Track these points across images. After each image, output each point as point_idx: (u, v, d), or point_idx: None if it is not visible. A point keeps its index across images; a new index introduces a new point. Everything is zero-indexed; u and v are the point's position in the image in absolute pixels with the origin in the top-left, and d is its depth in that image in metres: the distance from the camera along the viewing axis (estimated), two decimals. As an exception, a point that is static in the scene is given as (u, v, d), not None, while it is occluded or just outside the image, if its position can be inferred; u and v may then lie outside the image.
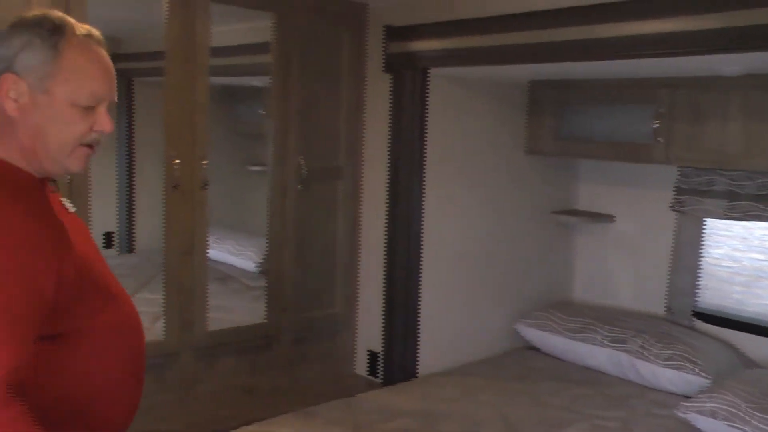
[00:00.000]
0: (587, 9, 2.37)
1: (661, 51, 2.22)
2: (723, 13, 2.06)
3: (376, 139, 3.22)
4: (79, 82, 1.25)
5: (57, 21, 1.25)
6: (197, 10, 2.69)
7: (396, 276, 3.10)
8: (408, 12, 3.01)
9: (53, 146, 1.26)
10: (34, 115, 1.24)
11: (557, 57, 2.47)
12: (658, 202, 3.35)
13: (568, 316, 3.34)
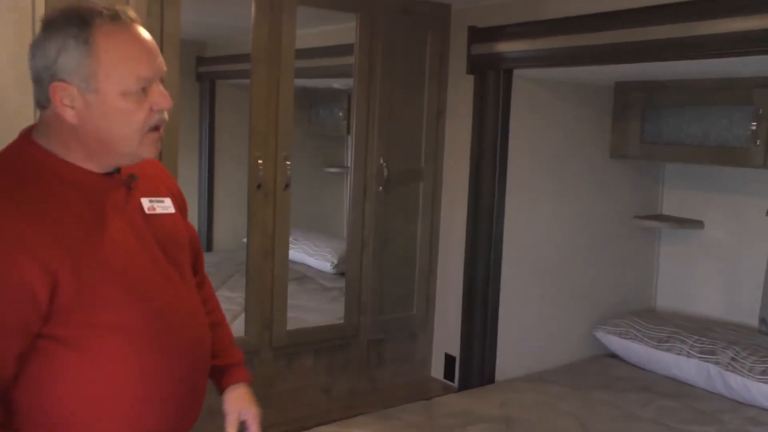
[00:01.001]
0: (679, 5, 2.29)
1: (755, 49, 2.12)
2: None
3: (457, 141, 3.19)
4: (121, 70, 1.19)
5: (81, 13, 1.18)
6: (284, 14, 2.72)
7: (475, 280, 3.07)
8: (491, 13, 2.98)
9: (120, 141, 1.22)
10: (92, 116, 1.19)
11: (646, 57, 2.40)
12: (752, 208, 3.21)
13: (652, 324, 3.23)
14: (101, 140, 1.21)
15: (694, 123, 3.04)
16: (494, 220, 2.98)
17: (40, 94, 1.21)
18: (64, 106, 1.18)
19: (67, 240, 1.16)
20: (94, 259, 1.18)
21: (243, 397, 1.53)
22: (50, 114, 1.21)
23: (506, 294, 3.09)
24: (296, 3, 2.73)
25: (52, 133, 1.23)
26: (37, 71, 1.20)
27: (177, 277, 1.32)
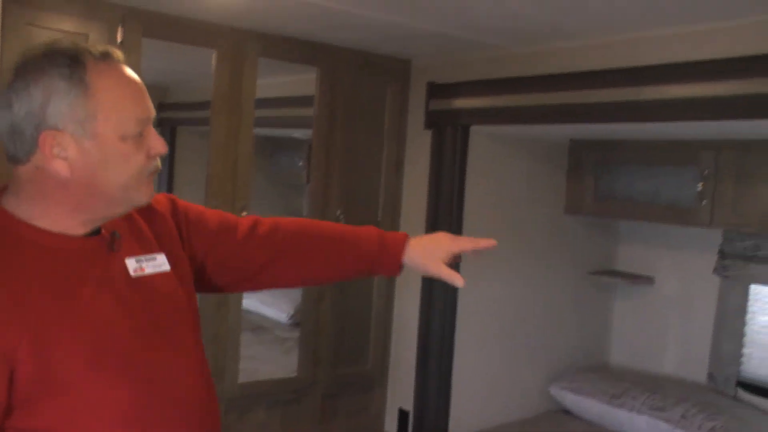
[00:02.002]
0: (630, 71, 2.37)
1: (707, 114, 2.20)
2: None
3: (415, 194, 3.22)
4: (121, 112, 1.08)
5: (70, 51, 1.06)
6: (245, 64, 2.74)
7: (430, 334, 3.06)
8: (450, 69, 3.05)
9: (115, 189, 1.10)
10: (88, 165, 1.07)
11: (599, 118, 2.46)
12: (701, 265, 3.28)
13: (605, 381, 3.25)
14: (94, 191, 1.09)
15: (645, 182, 3.12)
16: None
17: (18, 148, 1.06)
18: (55, 157, 1.05)
19: (27, 315, 1.01)
20: (61, 336, 1.03)
21: (427, 244, 1.44)
22: (29, 169, 1.07)
23: (461, 348, 3.08)
24: (257, 55, 2.76)
25: (26, 192, 1.09)
26: (16, 121, 1.05)
27: (169, 348, 1.17)
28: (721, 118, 2.20)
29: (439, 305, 3.02)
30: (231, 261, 1.39)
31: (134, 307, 1.14)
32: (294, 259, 1.43)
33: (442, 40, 2.74)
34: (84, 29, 2.37)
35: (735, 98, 2.14)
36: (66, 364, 1.03)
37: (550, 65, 2.66)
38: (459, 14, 2.31)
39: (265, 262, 1.41)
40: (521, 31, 2.53)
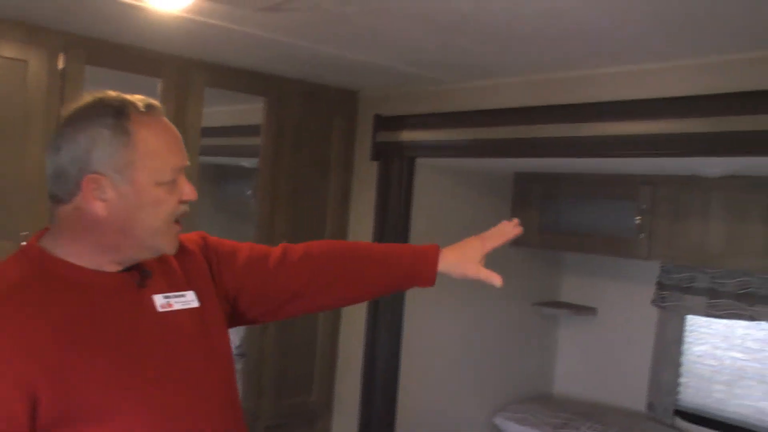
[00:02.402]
0: (573, 108, 2.43)
1: (643, 152, 2.27)
2: (706, 119, 2.12)
3: (361, 225, 3.22)
4: (158, 160, 1.17)
5: (116, 103, 1.17)
6: (191, 93, 2.72)
7: (375, 365, 3.05)
8: (398, 102, 3.08)
9: (146, 232, 1.19)
10: (123, 208, 1.16)
11: (541, 153, 2.52)
12: (641, 296, 3.37)
13: (549, 411, 3.29)
14: (127, 232, 1.18)
15: (587, 214, 3.19)
16: (393, 305, 2.99)
17: (62, 189, 1.16)
18: (95, 199, 1.15)
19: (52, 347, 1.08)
20: (83, 368, 1.10)
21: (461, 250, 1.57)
22: (69, 209, 1.17)
23: (406, 380, 3.08)
24: (203, 84, 2.74)
25: (65, 231, 1.19)
26: (62, 165, 1.15)
27: (187, 383, 1.22)
28: (657, 156, 2.28)
29: (384, 337, 3.02)
30: (264, 291, 1.45)
31: (157, 343, 1.20)
32: (329, 282, 1.48)
33: (389, 74, 2.77)
34: (23, 55, 2.32)
35: (670, 136, 2.21)
36: (86, 395, 1.09)
37: (495, 100, 2.71)
38: (405, 49, 2.34)
39: (298, 288, 1.46)
40: (467, 67, 2.58)
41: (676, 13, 1.76)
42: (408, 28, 2.03)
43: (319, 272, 1.47)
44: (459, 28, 1.99)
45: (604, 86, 2.44)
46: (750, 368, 3.07)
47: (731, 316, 3.02)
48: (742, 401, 3.08)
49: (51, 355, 1.07)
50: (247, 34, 2.24)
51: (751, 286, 2.95)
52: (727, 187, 2.74)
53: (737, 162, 2.33)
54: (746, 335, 3.09)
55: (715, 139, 2.10)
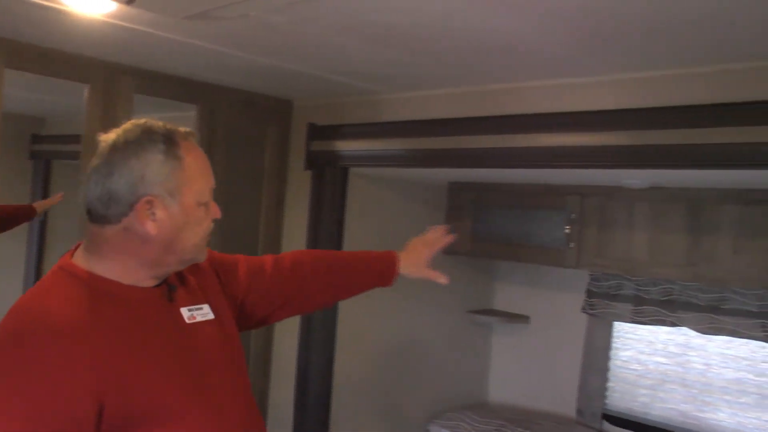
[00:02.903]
0: (504, 119, 2.48)
1: (569, 163, 2.33)
2: (627, 132, 2.19)
3: (295, 234, 3.21)
4: (200, 183, 1.30)
5: (163, 131, 1.27)
6: (119, 99, 2.67)
7: (309, 375, 3.03)
8: (332, 111, 3.08)
9: (189, 248, 1.31)
10: (171, 226, 1.27)
11: (472, 163, 2.55)
12: (572, 304, 3.44)
13: (481, 418, 3.33)
14: (172, 248, 1.29)
15: (519, 224, 3.24)
16: (327, 313, 2.98)
17: (112, 211, 1.25)
18: (147, 219, 1.25)
19: (113, 358, 1.19)
20: (141, 376, 1.21)
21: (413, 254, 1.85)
22: (117, 229, 1.26)
23: (339, 389, 3.07)
24: (132, 91, 2.69)
25: (109, 249, 1.27)
26: (115, 188, 1.24)
27: (222, 387, 1.36)
28: (581, 167, 2.33)
29: (319, 345, 3.01)
30: (264, 297, 1.62)
31: (194, 351, 1.33)
32: (316, 287, 1.71)
33: (322, 84, 2.77)
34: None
35: (594, 149, 2.27)
36: (149, 399, 1.21)
37: (427, 111, 2.74)
38: (336, 60, 2.35)
39: (291, 293, 1.67)
40: (399, 78, 2.60)
41: (599, 31, 1.82)
42: (337, 40, 2.04)
43: (307, 279, 1.68)
44: (387, 40, 2.01)
45: (532, 99, 2.49)
46: (672, 372, 3.17)
47: (655, 322, 3.11)
48: (665, 404, 3.18)
49: (114, 365, 1.18)
50: (176, 42, 2.21)
51: (673, 293, 3.05)
52: (649, 199, 2.83)
53: (657, 174, 2.41)
54: (669, 340, 3.19)
55: (636, 152, 2.17)
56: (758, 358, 2.93)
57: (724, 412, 3.01)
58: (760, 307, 2.80)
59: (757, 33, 1.75)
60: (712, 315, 2.93)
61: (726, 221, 2.65)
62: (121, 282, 1.28)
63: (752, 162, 1.99)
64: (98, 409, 1.16)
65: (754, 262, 2.56)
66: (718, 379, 3.03)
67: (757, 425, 2.93)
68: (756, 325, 2.81)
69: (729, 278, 2.65)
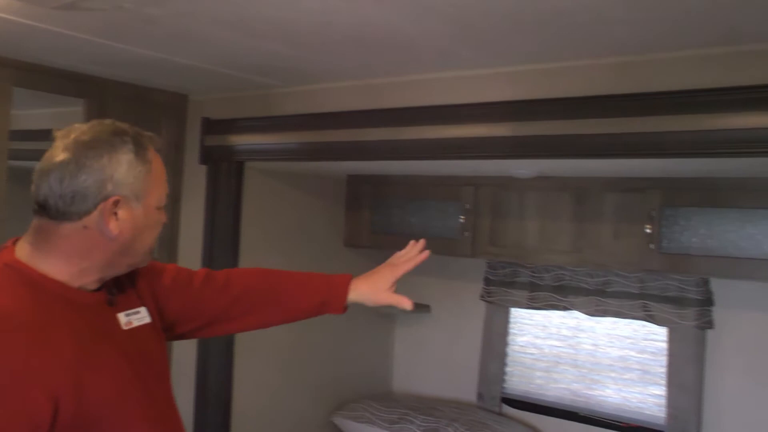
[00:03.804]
0: (394, 112, 2.52)
1: (457, 154, 2.39)
2: (511, 123, 2.27)
3: (192, 230, 3.16)
4: (161, 187, 1.34)
5: (132, 132, 1.29)
6: (-3, 94, 2.56)
7: (208, 373, 3.00)
8: (227, 105, 3.05)
9: (144, 249, 1.33)
10: (131, 228, 1.27)
11: (366, 156, 2.58)
12: (471, 292, 3.54)
13: (385, 407, 3.38)
14: (128, 251, 1.29)
15: (416, 215, 3.31)
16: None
17: (75, 208, 1.23)
18: (110, 219, 1.24)
19: (68, 361, 1.17)
20: (93, 380, 1.20)
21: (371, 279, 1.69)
22: (76, 227, 1.25)
23: (241, 386, 3.05)
24: (12, 84, 2.58)
25: (59, 248, 1.25)
26: (84, 187, 1.23)
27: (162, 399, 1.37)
28: (468, 158, 2.40)
29: (217, 348, 2.97)
30: (189, 311, 1.58)
31: (134, 357, 1.32)
32: (248, 308, 1.63)
33: (216, 78, 2.74)
34: None
35: (480, 140, 2.34)
36: (98, 405, 1.20)
37: (321, 104, 2.75)
38: (223, 54, 2.32)
39: (220, 312, 1.61)
40: (290, 72, 2.60)
41: (473, 25, 1.87)
42: (219, 33, 2.02)
43: (239, 299, 1.61)
44: (269, 34, 2.01)
45: (421, 92, 2.54)
46: (565, 354, 3.31)
47: (549, 307, 3.24)
48: (559, 385, 3.32)
49: (71, 370, 1.17)
50: (55, 33, 2.13)
51: (565, 278, 3.18)
52: (538, 188, 2.95)
53: (542, 164, 2.51)
54: (561, 324, 3.33)
55: (520, 143, 2.25)
56: (640, 337, 3.10)
57: (611, 388, 3.18)
58: (641, 288, 2.96)
59: (624, 28, 1.85)
60: (599, 298, 3.07)
61: (607, 208, 2.79)
62: (69, 285, 1.27)
63: (627, 151, 2.10)
64: (53, 411, 1.14)
65: (632, 247, 2.71)
66: (605, 358, 3.19)
67: (639, 399, 3.10)
68: (637, 305, 2.97)
69: (611, 262, 2.79)
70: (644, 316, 2.96)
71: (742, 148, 1.90)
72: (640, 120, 2.03)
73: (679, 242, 2.63)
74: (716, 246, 2.55)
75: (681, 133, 1.98)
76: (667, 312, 2.90)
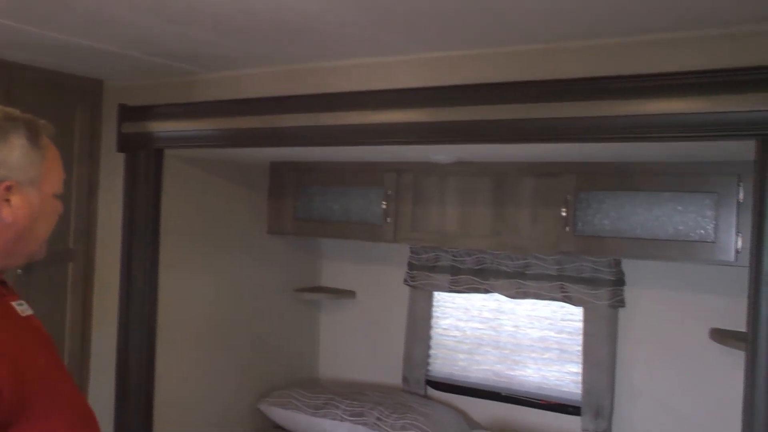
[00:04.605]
0: (314, 98, 2.52)
1: (376, 140, 2.41)
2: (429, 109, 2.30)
3: (110, 219, 3.09)
4: (57, 174, 1.33)
5: (26, 119, 1.28)
6: None
7: (129, 363, 2.94)
8: (145, 92, 2.98)
9: (40, 238, 1.32)
10: (27, 215, 1.26)
11: (286, 142, 2.58)
12: (396, 277, 3.58)
13: (311, 393, 3.39)
14: (24, 239, 1.28)
15: (339, 202, 3.32)
16: (147, 300, 2.91)
17: None
18: (3, 205, 1.23)
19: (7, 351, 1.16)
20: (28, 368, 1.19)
21: None
22: None
23: (163, 375, 3.00)
24: None
25: None
26: None
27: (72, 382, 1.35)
28: (390, 144, 2.42)
29: (137, 333, 2.92)
30: None
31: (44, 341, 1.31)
32: None
33: (134, 63, 2.67)
34: None
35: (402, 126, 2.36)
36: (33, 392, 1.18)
37: (242, 90, 2.73)
38: (141, 39, 2.28)
39: None
40: (210, 58, 2.57)
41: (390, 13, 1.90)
42: (136, 18, 1.98)
43: None
44: (187, 19, 1.98)
45: (341, 78, 2.55)
46: (486, 336, 3.39)
47: (470, 290, 3.31)
48: (481, 366, 3.40)
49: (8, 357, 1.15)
50: (-45, 14, 2.05)
51: (486, 262, 3.26)
52: (459, 173, 3.00)
53: (460, 149, 2.55)
54: (483, 307, 3.41)
55: (438, 129, 2.28)
56: (558, 317, 3.20)
57: (531, 368, 3.28)
58: (558, 270, 3.06)
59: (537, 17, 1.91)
60: (519, 280, 3.16)
61: (525, 193, 2.87)
62: None
63: (540, 136, 2.16)
64: None
65: (549, 230, 2.79)
66: (526, 339, 3.29)
67: (557, 377, 3.21)
68: (555, 287, 3.07)
69: (529, 245, 2.88)
70: (562, 297, 3.06)
71: (649, 133, 1.98)
72: (552, 106, 2.09)
73: (593, 225, 2.73)
74: (626, 228, 2.66)
75: (591, 118, 2.05)
76: (582, 293, 3.01)
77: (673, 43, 2.05)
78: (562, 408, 3.16)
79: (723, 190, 2.47)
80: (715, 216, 2.48)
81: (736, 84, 1.83)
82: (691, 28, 1.96)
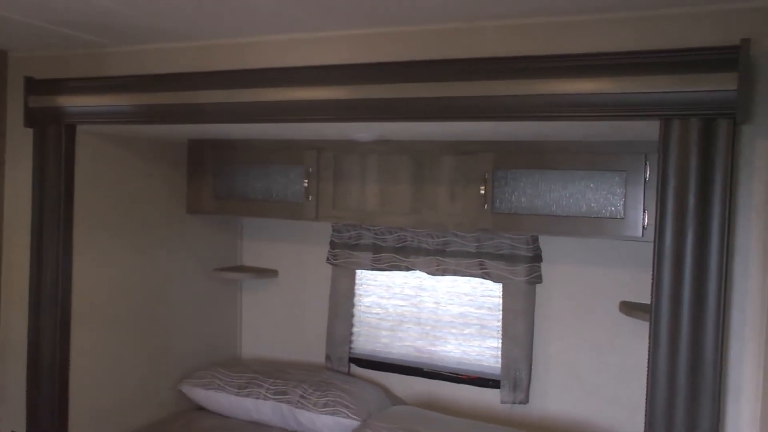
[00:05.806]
0: (231, 74, 2.47)
1: (295, 117, 2.39)
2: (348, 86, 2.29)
3: (19, 197, 2.97)
4: None
5: None
6: None
7: (41, 346, 2.84)
8: (54, 64, 2.87)
9: None
10: None
11: (203, 119, 2.52)
12: (317, 256, 3.57)
13: (234, 373, 3.37)
14: None
15: (259, 180, 3.28)
16: (59, 281, 2.81)
17: None
18: None
19: None
20: None
21: None
22: None
23: (79, 358, 2.92)
24: None
25: None
26: None
27: None
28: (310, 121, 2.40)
29: (49, 315, 2.82)
30: None
31: None
32: None
33: (37, 32, 2.56)
34: None
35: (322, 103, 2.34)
36: None
37: (158, 65, 2.66)
38: (45, 8, 2.18)
39: None
40: (124, 30, 2.49)
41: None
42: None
43: None
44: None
45: (261, 54, 2.52)
46: (408, 312, 3.44)
47: (392, 268, 3.34)
48: (403, 343, 3.45)
49: None
50: None
51: (407, 240, 3.29)
52: (379, 151, 3.01)
53: (380, 127, 2.56)
54: (404, 284, 3.45)
55: (358, 106, 2.28)
56: (478, 294, 3.27)
57: (452, 343, 3.34)
58: (477, 248, 3.12)
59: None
60: (439, 258, 3.21)
61: (444, 171, 2.90)
62: None
63: (457, 114, 2.18)
64: None
65: (468, 208, 2.84)
66: (446, 315, 3.34)
67: (478, 352, 3.28)
68: (475, 264, 3.13)
69: (448, 222, 2.92)
70: (481, 273, 3.12)
71: (562, 112, 2.03)
72: (470, 84, 2.12)
73: (510, 202, 2.79)
74: (542, 205, 2.73)
75: (507, 97, 2.09)
76: (501, 269, 3.08)
77: (585, 25, 2.10)
78: (482, 382, 3.24)
79: (631, 169, 2.56)
80: (624, 193, 2.58)
81: (641, 66, 1.90)
82: (602, 12, 2.02)
